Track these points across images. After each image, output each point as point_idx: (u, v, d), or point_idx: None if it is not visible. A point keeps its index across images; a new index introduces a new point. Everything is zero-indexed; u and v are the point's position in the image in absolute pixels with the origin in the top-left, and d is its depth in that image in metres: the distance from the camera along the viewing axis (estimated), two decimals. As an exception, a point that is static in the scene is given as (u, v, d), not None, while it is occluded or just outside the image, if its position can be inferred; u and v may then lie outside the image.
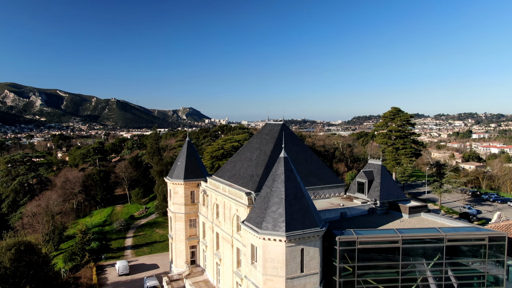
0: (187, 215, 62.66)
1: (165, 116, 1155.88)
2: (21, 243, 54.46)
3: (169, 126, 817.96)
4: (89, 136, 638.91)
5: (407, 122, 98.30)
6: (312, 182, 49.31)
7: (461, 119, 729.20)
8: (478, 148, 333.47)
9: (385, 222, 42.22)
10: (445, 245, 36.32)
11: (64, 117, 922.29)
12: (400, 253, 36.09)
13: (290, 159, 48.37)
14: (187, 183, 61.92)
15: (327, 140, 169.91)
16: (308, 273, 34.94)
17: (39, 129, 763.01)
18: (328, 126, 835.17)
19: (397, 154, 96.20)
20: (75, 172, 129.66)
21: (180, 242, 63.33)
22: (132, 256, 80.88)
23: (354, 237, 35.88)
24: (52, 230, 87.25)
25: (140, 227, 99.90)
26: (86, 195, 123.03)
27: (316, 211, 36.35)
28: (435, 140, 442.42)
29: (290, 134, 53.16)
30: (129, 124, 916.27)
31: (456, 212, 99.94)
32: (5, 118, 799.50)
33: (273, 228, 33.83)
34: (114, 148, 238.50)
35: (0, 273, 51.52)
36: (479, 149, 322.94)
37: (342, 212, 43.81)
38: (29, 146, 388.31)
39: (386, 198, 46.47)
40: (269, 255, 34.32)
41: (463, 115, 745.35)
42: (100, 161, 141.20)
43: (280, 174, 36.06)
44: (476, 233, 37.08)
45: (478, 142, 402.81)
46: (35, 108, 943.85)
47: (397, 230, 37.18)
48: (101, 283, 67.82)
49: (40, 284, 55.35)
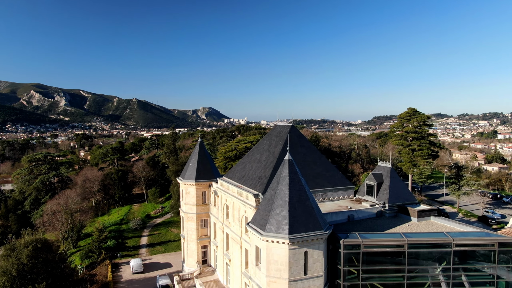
0: (198, 215, 63.45)
1: (185, 116, 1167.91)
2: (38, 240, 56.26)
3: (188, 126, 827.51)
4: (111, 136, 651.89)
5: (424, 123, 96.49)
6: (321, 184, 49.23)
7: (486, 119, 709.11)
8: (503, 149, 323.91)
9: (392, 226, 41.79)
10: (453, 250, 35.72)
11: (87, 117, 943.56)
12: (406, 258, 35.73)
13: (299, 161, 48.59)
14: (198, 183, 62.72)
15: (344, 140, 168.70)
16: (311, 275, 34.98)
17: (63, 129, 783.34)
18: (348, 126, 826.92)
19: (413, 155, 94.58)
20: (95, 171, 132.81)
21: (191, 242, 64.18)
22: (146, 254, 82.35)
23: (359, 240, 35.68)
24: (70, 228, 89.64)
25: (156, 226, 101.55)
26: (104, 194, 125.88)
27: (320, 214, 36.33)
28: (458, 141, 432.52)
29: (299, 136, 53.18)
30: (150, 124, 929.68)
31: (475, 215, 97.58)
32: (31, 118, 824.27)
33: (277, 231, 34.02)
34: (133, 148, 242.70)
35: (18, 269, 53.36)
36: (504, 150, 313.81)
37: (349, 215, 43.59)
38: (53, 145, 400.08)
39: (395, 201, 45.93)
40: (272, 257, 34.54)
41: (488, 114, 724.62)
42: (118, 161, 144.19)
43: (284, 177, 36.20)
44: (485, 238, 36.27)
45: (503, 142, 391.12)
46: (60, 108, 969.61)
47: (404, 234, 36.71)
48: (116, 280, 69.38)
49: (56, 280, 57.10)
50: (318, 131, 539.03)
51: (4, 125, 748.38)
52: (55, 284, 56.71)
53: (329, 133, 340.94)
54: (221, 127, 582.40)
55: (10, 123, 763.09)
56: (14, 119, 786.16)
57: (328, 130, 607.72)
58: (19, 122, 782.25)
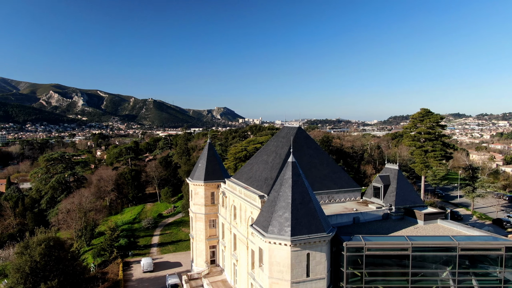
0: (207, 216, 63.97)
1: (200, 116, 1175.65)
2: (51, 238, 57.67)
3: (203, 126, 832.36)
4: (127, 135, 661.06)
5: (437, 124, 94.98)
6: (327, 186, 49.14)
7: (506, 119, 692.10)
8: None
9: (398, 228, 41.45)
10: (459, 254, 35.27)
11: (104, 117, 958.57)
12: (410, 261, 35.45)
13: (305, 162, 48.67)
14: (207, 184, 63.22)
15: (357, 141, 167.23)
16: (314, 277, 35.00)
17: (81, 128, 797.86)
18: (363, 126, 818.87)
19: (425, 156, 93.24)
20: (109, 171, 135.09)
21: (200, 242, 64.77)
22: (157, 253, 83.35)
23: (362, 243, 35.56)
24: (84, 226, 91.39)
25: (167, 225, 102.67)
26: (118, 193, 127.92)
27: (323, 216, 36.31)
28: (476, 141, 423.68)
29: (306, 137, 53.14)
30: (165, 124, 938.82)
31: (489, 218, 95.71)
32: (50, 118, 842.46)
33: (279, 232, 34.16)
34: (148, 148, 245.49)
35: (31, 267, 54.85)
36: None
37: (354, 217, 43.40)
38: (71, 145, 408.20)
39: (402, 204, 45.52)
40: (275, 258, 34.70)
41: (508, 114, 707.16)
42: (132, 160, 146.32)
43: (287, 179, 36.30)
44: (492, 243, 35.70)
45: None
46: (77, 108, 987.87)
47: (408, 237, 36.47)
48: (127, 278, 70.45)
49: (68, 278, 58.41)
50: (333, 131, 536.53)
51: (24, 124, 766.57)
52: (67, 282, 58.03)
53: (343, 133, 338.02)
54: (235, 127, 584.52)
55: (30, 123, 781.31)
56: (33, 119, 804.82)
57: (343, 130, 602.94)
58: (39, 121, 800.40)
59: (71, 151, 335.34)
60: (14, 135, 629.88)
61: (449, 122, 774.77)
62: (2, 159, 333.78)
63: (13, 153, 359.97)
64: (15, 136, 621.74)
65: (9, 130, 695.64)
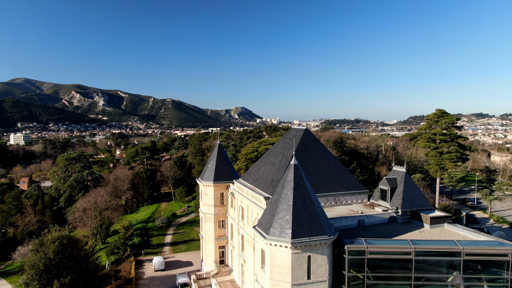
0: (216, 216, 64.64)
1: (218, 116, 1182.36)
2: (64, 237, 59.24)
3: (221, 126, 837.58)
4: (146, 135, 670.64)
5: (453, 125, 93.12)
6: (333, 188, 49.00)
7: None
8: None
9: (403, 232, 41.03)
10: (463, 259, 34.75)
11: (124, 116, 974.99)
12: (413, 265, 35.11)
13: (311, 164, 48.68)
14: (216, 185, 63.90)
15: (373, 142, 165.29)
16: (315, 280, 35.07)
17: (101, 128, 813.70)
18: (382, 126, 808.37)
19: (440, 158, 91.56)
20: (125, 170, 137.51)
21: (209, 242, 65.48)
22: (169, 252, 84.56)
23: (364, 246, 35.41)
24: (99, 224, 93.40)
25: (181, 225, 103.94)
26: (134, 192, 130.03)
27: (325, 218, 36.30)
28: (499, 142, 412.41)
29: (312, 139, 53.08)
30: (183, 123, 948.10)
31: (507, 221, 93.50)
32: (71, 118, 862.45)
33: (280, 235, 34.37)
34: (165, 147, 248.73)
35: (45, 264, 56.55)
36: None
37: (359, 219, 43.17)
38: (92, 144, 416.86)
39: (409, 207, 45.00)
40: (276, 260, 34.93)
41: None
42: (148, 160, 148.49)
43: (289, 181, 36.46)
44: (498, 248, 35.02)
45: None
46: (98, 108, 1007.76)
47: (411, 241, 36.07)
48: (138, 277, 71.78)
49: (80, 275, 59.93)
50: (351, 131, 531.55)
51: (47, 124, 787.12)
52: (80, 279, 59.52)
53: (360, 133, 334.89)
54: (252, 127, 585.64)
55: (53, 122, 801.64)
56: (56, 119, 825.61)
57: (361, 130, 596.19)
58: (61, 121, 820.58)
59: (91, 150, 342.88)
60: (38, 135, 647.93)
61: (471, 122, 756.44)
62: (26, 158, 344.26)
63: (36, 152, 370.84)
64: (39, 135, 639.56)
65: (33, 130, 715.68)
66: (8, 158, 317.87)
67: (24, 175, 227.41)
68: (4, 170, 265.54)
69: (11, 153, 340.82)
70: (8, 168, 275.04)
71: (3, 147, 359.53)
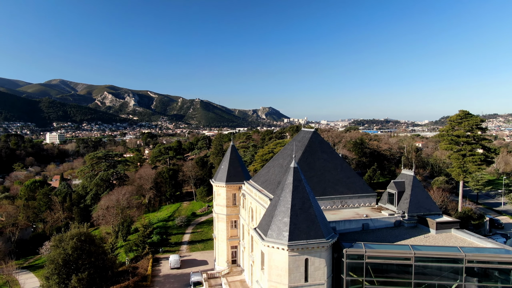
0: (228, 217, 65.55)
1: (245, 116, 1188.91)
2: (82, 233, 61.82)
3: (248, 126, 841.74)
4: (174, 135, 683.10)
5: (477, 127, 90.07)
6: (340, 191, 48.80)
7: None
8: None
9: (408, 237, 40.44)
10: (465, 266, 33.98)
11: (154, 116, 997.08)
12: (413, 271, 34.65)
13: (318, 167, 48.76)
14: (228, 186, 64.79)
15: (400, 143, 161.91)
16: (312, 283, 35.23)
17: (132, 127, 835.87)
18: (413, 127, 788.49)
19: (463, 161, 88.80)
20: (149, 170, 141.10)
21: (222, 242, 66.50)
22: (186, 251, 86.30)
23: (363, 250, 35.26)
24: (121, 222, 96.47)
25: (199, 224, 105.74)
26: (156, 191, 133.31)
27: (324, 222, 36.37)
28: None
29: (320, 142, 53.01)
30: (211, 123, 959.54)
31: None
32: (104, 118, 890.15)
33: (277, 237, 34.76)
34: (191, 147, 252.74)
35: (65, 259, 59.24)
36: None
37: (364, 223, 42.83)
38: (122, 143, 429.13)
39: (416, 211, 44.22)
40: (274, 262, 35.35)
41: None
42: (171, 160, 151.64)
43: (288, 184, 36.78)
44: (503, 256, 33.97)
45: None
46: (129, 108, 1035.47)
47: (412, 246, 35.56)
48: (154, 274, 73.81)
49: (98, 271, 62.41)
50: (379, 132, 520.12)
51: (81, 123, 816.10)
52: (97, 274, 62.00)
53: (388, 134, 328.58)
54: (280, 127, 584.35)
55: (86, 122, 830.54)
56: (89, 118, 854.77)
57: (391, 130, 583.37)
58: (94, 121, 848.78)
59: (121, 149, 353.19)
60: (72, 134, 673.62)
61: (508, 123, 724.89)
62: (60, 156, 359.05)
63: (69, 151, 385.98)
64: (73, 134, 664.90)
65: (68, 129, 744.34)
66: (43, 157, 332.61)
67: (57, 173, 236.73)
68: (39, 168, 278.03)
69: (46, 152, 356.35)
70: (43, 166, 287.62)
71: (39, 146, 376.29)
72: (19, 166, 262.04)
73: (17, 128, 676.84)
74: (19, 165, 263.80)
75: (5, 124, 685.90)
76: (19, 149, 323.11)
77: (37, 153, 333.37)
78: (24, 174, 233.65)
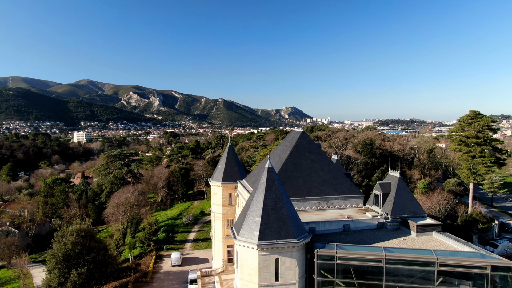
0: (224, 216, 66.34)
1: (268, 115, 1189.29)
2: (81, 230, 63.96)
3: (271, 125, 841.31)
4: (197, 134, 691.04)
5: (488, 127, 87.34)
6: (326, 192, 48.69)
7: None
8: None
9: (387, 239, 40.05)
10: (437, 270, 33.46)
11: (177, 116, 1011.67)
12: (383, 273, 34.40)
13: (305, 167, 48.83)
14: (224, 185, 65.58)
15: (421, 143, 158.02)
16: (283, 283, 35.51)
17: (156, 127, 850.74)
18: (440, 127, 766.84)
19: (473, 162, 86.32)
20: (162, 168, 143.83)
21: (218, 241, 67.39)
22: (190, 249, 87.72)
23: (333, 251, 35.25)
24: (130, 219, 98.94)
25: (206, 222, 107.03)
26: (168, 189, 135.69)
27: (297, 222, 36.53)
28: None
29: (308, 142, 52.97)
30: (234, 123, 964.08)
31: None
32: (129, 117, 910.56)
33: (248, 236, 35.24)
34: (208, 146, 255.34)
35: (65, 254, 61.53)
36: None
37: (344, 224, 42.66)
38: (145, 142, 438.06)
39: (399, 213, 43.68)
40: (245, 261, 35.85)
41: None
42: (184, 159, 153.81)
43: (262, 184, 37.17)
44: (476, 260, 33.21)
45: None
46: (154, 108, 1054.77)
47: (385, 248, 35.30)
48: (155, 270, 75.53)
49: (97, 266, 64.50)
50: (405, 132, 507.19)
51: (107, 123, 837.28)
52: (97, 269, 64.09)
53: (412, 134, 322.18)
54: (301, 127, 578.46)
55: (112, 121, 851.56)
56: (115, 118, 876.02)
57: (416, 130, 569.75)
58: (119, 120, 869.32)
59: (144, 148, 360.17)
60: (98, 133, 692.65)
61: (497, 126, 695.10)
62: (85, 155, 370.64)
63: (94, 149, 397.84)
64: (99, 133, 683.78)
65: (94, 128, 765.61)
66: (68, 155, 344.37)
67: (80, 171, 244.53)
68: (64, 165, 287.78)
69: (71, 150, 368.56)
70: (68, 164, 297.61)
71: (65, 145, 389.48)
72: (45, 164, 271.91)
73: (47, 127, 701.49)
74: (44, 162, 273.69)
75: (35, 123, 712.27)
76: (46, 147, 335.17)
77: (63, 151, 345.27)
78: (49, 171, 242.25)
